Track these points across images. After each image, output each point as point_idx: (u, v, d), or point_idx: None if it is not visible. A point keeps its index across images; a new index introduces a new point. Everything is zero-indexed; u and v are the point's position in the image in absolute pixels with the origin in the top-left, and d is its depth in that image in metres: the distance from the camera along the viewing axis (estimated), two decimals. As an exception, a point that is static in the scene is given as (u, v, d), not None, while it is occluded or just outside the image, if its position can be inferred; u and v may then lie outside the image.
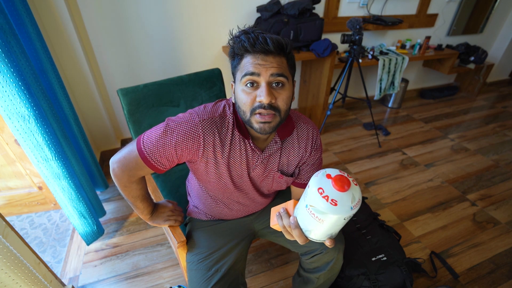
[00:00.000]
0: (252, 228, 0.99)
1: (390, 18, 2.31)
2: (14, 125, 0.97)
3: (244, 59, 0.66)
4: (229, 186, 0.83)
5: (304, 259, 0.97)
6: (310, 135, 0.82)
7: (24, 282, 0.86)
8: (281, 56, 0.65)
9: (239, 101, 0.68)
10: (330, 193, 0.52)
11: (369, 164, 2.09)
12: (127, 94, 1.15)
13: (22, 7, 1.10)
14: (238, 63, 0.67)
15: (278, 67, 0.64)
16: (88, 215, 1.30)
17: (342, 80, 2.13)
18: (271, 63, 0.64)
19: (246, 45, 0.63)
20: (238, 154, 0.77)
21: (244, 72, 0.65)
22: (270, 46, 0.63)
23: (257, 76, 0.64)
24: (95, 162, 1.62)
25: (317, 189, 0.52)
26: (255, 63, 0.64)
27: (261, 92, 0.64)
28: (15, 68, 0.90)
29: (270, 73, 0.64)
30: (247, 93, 0.66)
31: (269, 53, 0.64)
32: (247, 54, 0.65)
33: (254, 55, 0.64)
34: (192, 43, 1.96)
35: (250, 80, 0.64)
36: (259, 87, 0.65)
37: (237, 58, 0.68)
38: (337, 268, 0.97)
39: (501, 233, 1.56)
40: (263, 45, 0.63)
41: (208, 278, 0.82)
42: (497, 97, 3.30)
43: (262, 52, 0.64)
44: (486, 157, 2.21)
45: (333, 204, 0.50)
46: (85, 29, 1.67)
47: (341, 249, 0.93)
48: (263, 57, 0.64)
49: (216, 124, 0.73)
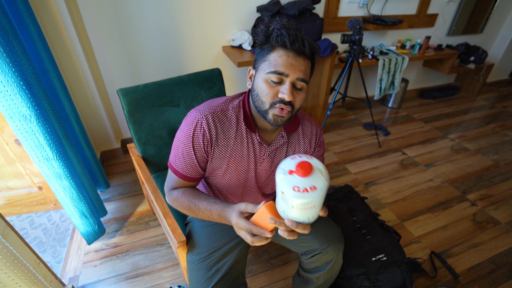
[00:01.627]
0: None
1: (390, 18, 2.31)
2: (16, 125, 0.97)
3: (275, 53, 0.67)
4: (234, 180, 0.84)
5: (304, 259, 0.97)
6: (314, 132, 0.86)
7: (24, 282, 0.86)
8: (309, 60, 0.69)
9: (259, 90, 0.70)
10: (305, 184, 0.52)
11: (369, 164, 2.09)
12: (127, 94, 1.15)
13: (23, 7, 1.10)
14: (268, 53, 0.69)
15: (304, 71, 0.68)
16: (89, 214, 1.30)
17: (342, 80, 2.13)
18: (301, 65, 0.67)
19: (285, 40, 0.65)
20: (245, 147, 0.79)
21: (273, 69, 0.67)
22: (306, 48, 0.66)
23: (285, 76, 0.67)
24: (96, 162, 1.62)
25: (292, 189, 0.52)
26: (287, 62, 0.66)
27: (285, 90, 0.67)
28: (17, 68, 0.90)
29: (296, 76, 0.67)
30: (270, 86, 0.69)
31: (302, 54, 0.67)
32: (281, 49, 0.67)
33: (288, 53, 0.66)
34: (192, 43, 1.96)
35: (277, 77, 0.67)
36: (283, 84, 0.68)
37: (267, 49, 0.69)
38: (336, 268, 0.97)
39: (501, 233, 1.56)
40: (300, 45, 0.65)
41: (209, 277, 0.82)
42: (497, 97, 3.30)
43: (296, 52, 0.66)
44: (486, 157, 2.21)
45: (313, 189, 0.52)
46: (85, 29, 1.67)
47: (340, 249, 0.93)
48: (295, 57, 0.66)
49: (218, 117, 0.76)
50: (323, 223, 0.95)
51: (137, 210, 1.65)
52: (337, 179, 1.93)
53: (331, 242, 0.91)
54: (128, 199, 1.73)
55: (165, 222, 0.95)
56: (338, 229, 0.96)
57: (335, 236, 0.92)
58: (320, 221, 0.93)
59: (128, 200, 1.72)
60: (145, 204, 1.69)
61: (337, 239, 0.92)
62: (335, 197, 1.48)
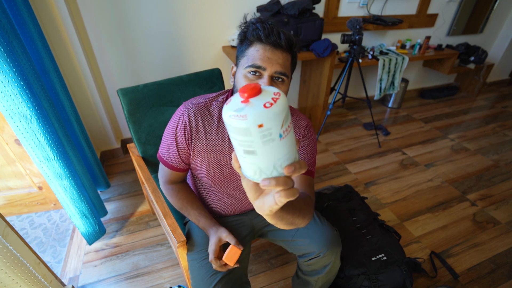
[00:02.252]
0: (252, 227, 0.99)
1: (390, 18, 2.31)
2: (16, 125, 0.97)
3: (253, 47, 0.68)
4: (218, 175, 0.85)
5: (301, 262, 0.97)
6: (302, 126, 0.85)
7: (24, 282, 0.86)
8: (288, 53, 0.69)
9: (239, 85, 0.71)
10: (241, 111, 0.33)
11: (369, 164, 2.09)
12: (127, 94, 1.15)
13: (24, 6, 1.10)
14: (246, 49, 0.70)
15: (283, 64, 0.68)
16: (90, 214, 1.30)
17: (342, 80, 2.13)
18: (278, 58, 0.67)
19: (260, 33, 0.66)
20: (226, 142, 0.80)
21: (251, 63, 0.67)
22: (282, 41, 0.66)
23: (263, 70, 0.67)
24: (96, 162, 1.62)
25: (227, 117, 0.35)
26: (263, 55, 0.66)
27: (264, 83, 0.67)
28: (17, 68, 0.90)
29: (274, 70, 0.67)
30: (249, 80, 0.69)
31: (279, 47, 0.67)
32: (258, 43, 0.67)
33: (265, 46, 0.67)
34: (192, 43, 1.96)
35: (254, 71, 0.68)
36: (262, 78, 0.68)
37: (246, 44, 0.70)
38: (334, 271, 0.97)
39: (501, 233, 1.56)
40: (276, 38, 0.65)
41: (212, 275, 0.82)
42: (497, 97, 3.30)
43: (273, 45, 0.66)
44: (486, 157, 2.21)
45: (244, 118, 0.33)
46: (85, 29, 1.67)
47: (338, 253, 0.93)
48: (272, 50, 0.66)
49: (200, 111, 0.78)
50: (321, 227, 0.94)
51: (137, 210, 1.66)
52: (337, 179, 1.93)
53: (329, 246, 0.90)
54: (128, 199, 1.73)
55: (165, 222, 0.95)
56: (336, 233, 0.95)
57: (333, 240, 0.92)
58: (317, 224, 0.93)
59: (128, 200, 1.72)
60: (145, 204, 1.69)
61: (334, 243, 0.92)
62: (335, 197, 1.48)
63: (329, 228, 0.95)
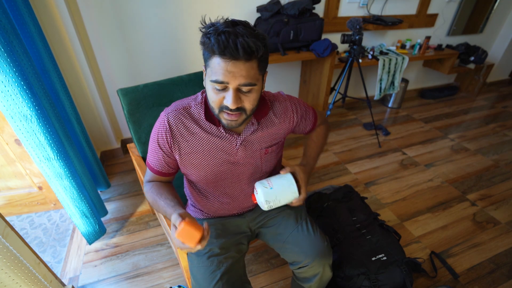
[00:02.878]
0: (248, 228, 0.99)
1: (390, 18, 2.31)
2: (17, 125, 0.97)
3: (214, 59, 0.64)
4: (209, 175, 0.85)
5: (293, 268, 0.97)
6: (289, 108, 0.88)
7: (24, 282, 0.86)
8: (251, 61, 0.63)
9: (208, 96, 0.71)
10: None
11: (369, 164, 2.09)
12: (127, 94, 1.15)
13: (24, 6, 1.10)
14: (209, 58, 0.66)
15: (246, 75, 0.64)
16: (90, 214, 1.30)
17: (342, 80, 2.13)
18: (240, 70, 0.63)
19: (215, 48, 0.61)
20: (213, 142, 0.80)
21: (214, 78, 0.65)
22: (240, 54, 0.61)
23: (227, 84, 0.64)
24: (97, 161, 1.62)
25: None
26: (225, 70, 0.63)
27: (228, 97, 0.66)
28: (18, 68, 0.91)
29: (238, 83, 0.64)
30: (216, 93, 0.68)
31: (240, 59, 0.62)
32: (218, 56, 0.63)
33: (224, 60, 0.62)
34: (192, 43, 1.96)
35: (219, 86, 0.65)
36: (227, 91, 0.66)
37: (207, 53, 0.66)
38: (325, 280, 0.97)
39: (501, 233, 1.56)
40: (232, 51, 0.60)
41: (213, 272, 0.83)
42: (497, 97, 3.30)
43: (232, 58, 0.62)
44: (486, 157, 2.21)
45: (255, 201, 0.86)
46: (85, 29, 1.67)
47: (326, 264, 0.92)
48: (233, 63, 0.62)
49: (180, 114, 0.78)
50: (311, 236, 0.92)
51: (137, 210, 1.66)
52: (337, 179, 1.93)
53: (316, 256, 0.89)
54: (128, 199, 1.73)
55: (165, 222, 0.95)
56: (326, 243, 0.93)
57: (321, 251, 0.90)
58: (308, 234, 0.93)
59: (128, 200, 1.72)
60: (145, 204, 1.69)
61: (322, 255, 0.90)
62: (335, 197, 1.47)
63: (319, 239, 0.93)
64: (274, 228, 0.97)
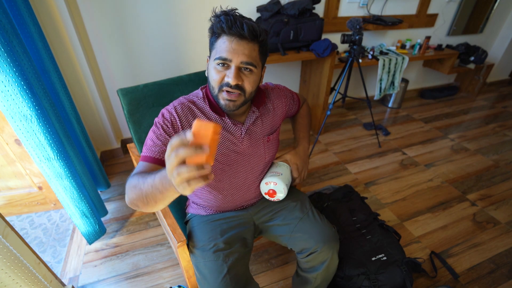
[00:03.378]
0: (252, 223, 0.99)
1: (390, 18, 2.31)
2: (17, 125, 0.97)
3: (220, 39, 0.71)
4: (214, 165, 0.86)
5: (300, 258, 0.98)
6: (281, 94, 0.96)
7: (24, 282, 0.86)
8: (254, 42, 0.71)
9: (210, 77, 0.75)
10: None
11: (369, 164, 2.09)
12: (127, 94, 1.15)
13: (24, 6, 1.10)
14: (215, 41, 0.73)
15: (249, 55, 0.70)
16: (90, 214, 1.30)
17: (342, 80, 2.12)
18: (244, 49, 0.70)
19: (223, 26, 0.68)
20: None
21: (218, 55, 0.71)
22: (245, 32, 0.68)
23: (229, 61, 0.70)
24: (97, 161, 1.62)
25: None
26: (229, 47, 0.69)
27: (230, 73, 0.71)
28: (18, 68, 0.91)
29: (240, 60, 0.70)
30: (218, 71, 0.72)
31: (244, 38, 0.69)
32: (224, 35, 0.70)
33: (230, 38, 0.70)
34: (192, 42, 1.96)
35: (221, 62, 0.71)
36: (229, 68, 0.71)
37: (214, 36, 0.73)
38: (332, 268, 0.98)
39: (501, 233, 1.56)
40: (238, 29, 0.68)
41: (220, 266, 0.83)
42: (497, 97, 3.30)
43: (237, 36, 0.69)
44: (486, 157, 2.21)
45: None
46: (85, 29, 1.67)
47: (335, 249, 0.94)
48: (237, 41, 0.69)
49: (187, 105, 0.81)
50: (319, 223, 0.96)
51: (137, 210, 1.65)
52: (337, 179, 1.93)
53: (326, 241, 0.91)
54: (128, 199, 1.73)
55: (165, 222, 0.95)
56: (334, 230, 0.97)
57: (330, 236, 0.93)
58: (316, 221, 0.96)
59: (128, 200, 1.72)
60: (145, 204, 1.69)
61: (331, 239, 0.93)
62: (335, 197, 1.48)
63: (327, 225, 0.96)
64: (280, 220, 0.98)
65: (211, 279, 0.82)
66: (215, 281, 0.81)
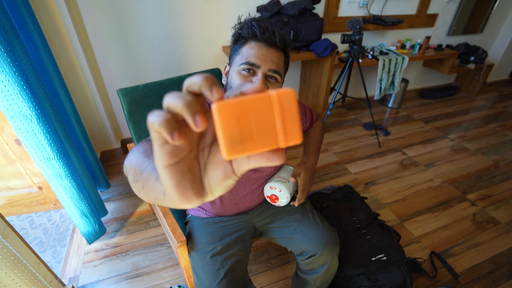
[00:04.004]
0: (252, 225, 0.99)
1: (390, 18, 2.31)
2: (17, 125, 0.97)
3: (248, 45, 0.70)
4: None
5: (300, 260, 0.97)
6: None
7: (24, 282, 0.86)
8: (281, 52, 0.71)
9: (233, 83, 0.73)
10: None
11: (369, 164, 2.09)
12: (127, 94, 1.15)
13: (24, 6, 1.10)
14: (241, 47, 0.72)
15: (276, 63, 0.70)
16: (90, 214, 1.30)
17: (342, 80, 2.13)
18: (272, 56, 0.69)
19: (256, 30, 0.68)
20: None
21: (245, 60, 0.69)
22: (276, 39, 0.68)
23: (257, 67, 0.69)
24: (96, 161, 1.62)
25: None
26: (258, 53, 0.68)
27: (257, 80, 0.69)
28: (17, 68, 0.91)
29: (268, 67, 0.69)
30: (243, 77, 0.70)
31: (273, 45, 0.69)
32: (253, 41, 0.70)
33: (259, 44, 0.69)
34: (192, 43, 1.96)
35: (248, 68, 0.69)
36: (256, 75, 0.70)
37: (240, 42, 0.72)
38: (332, 270, 0.97)
39: (501, 233, 1.56)
40: (270, 35, 0.68)
41: (216, 270, 0.83)
42: (497, 97, 3.30)
43: (267, 43, 0.69)
44: (486, 157, 2.21)
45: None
46: (85, 29, 1.67)
47: (335, 252, 0.94)
48: (267, 48, 0.69)
49: None
50: (320, 226, 0.95)
51: (137, 210, 1.66)
52: (337, 179, 1.93)
53: (326, 244, 0.91)
54: (128, 199, 1.73)
55: (165, 222, 0.95)
56: (334, 233, 0.96)
57: (330, 239, 0.93)
58: (316, 224, 0.95)
59: (128, 200, 1.72)
60: (145, 204, 1.69)
61: (332, 242, 0.92)
62: (335, 197, 1.47)
63: (327, 228, 0.96)
64: (280, 222, 0.98)
65: (207, 283, 0.83)
66: (211, 285, 0.82)
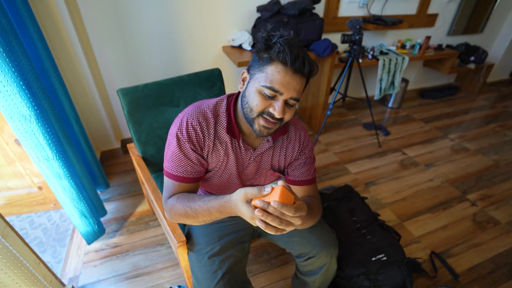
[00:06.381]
0: (251, 227, 0.99)
1: (390, 18, 2.31)
2: (16, 125, 0.97)
3: (274, 66, 0.66)
4: (215, 184, 0.86)
5: (299, 262, 0.98)
6: (298, 137, 0.87)
7: (24, 282, 0.86)
8: (304, 78, 0.69)
9: (251, 99, 0.70)
10: None
11: (369, 164, 2.09)
12: (127, 94, 1.15)
13: (23, 7, 1.10)
14: (266, 65, 0.67)
15: (298, 90, 0.68)
16: (89, 214, 1.30)
17: (342, 80, 2.12)
18: (296, 84, 0.67)
19: (287, 57, 0.64)
20: (230, 152, 0.80)
21: (269, 84, 0.66)
22: (305, 69, 0.66)
23: (280, 94, 0.67)
24: (96, 162, 1.62)
25: None
26: (284, 80, 0.65)
27: (277, 106, 0.67)
28: (17, 68, 0.90)
29: (290, 95, 0.67)
30: (264, 99, 0.68)
31: (300, 73, 0.66)
32: (280, 64, 0.65)
33: (286, 70, 0.65)
34: (192, 43, 1.96)
35: (271, 93, 0.67)
36: (276, 101, 0.68)
37: (266, 60, 0.67)
38: (331, 273, 0.97)
39: (501, 233, 1.56)
40: (300, 65, 0.65)
41: (214, 271, 0.83)
42: (497, 97, 3.30)
43: (295, 71, 0.65)
44: (486, 157, 2.21)
45: None
46: (85, 29, 1.67)
47: (334, 254, 0.93)
48: (293, 75, 0.66)
49: (204, 120, 0.76)
50: (318, 228, 0.95)
51: (137, 210, 1.65)
52: (337, 179, 1.93)
53: (324, 247, 0.91)
54: (128, 199, 1.73)
55: (165, 222, 0.95)
56: (333, 235, 0.96)
57: (329, 242, 0.93)
58: (315, 225, 0.94)
59: (128, 200, 1.72)
60: (145, 204, 1.69)
61: (330, 244, 0.92)
62: (335, 197, 1.47)
63: (326, 230, 0.96)
64: None
65: (205, 284, 0.83)
66: (209, 287, 0.82)
